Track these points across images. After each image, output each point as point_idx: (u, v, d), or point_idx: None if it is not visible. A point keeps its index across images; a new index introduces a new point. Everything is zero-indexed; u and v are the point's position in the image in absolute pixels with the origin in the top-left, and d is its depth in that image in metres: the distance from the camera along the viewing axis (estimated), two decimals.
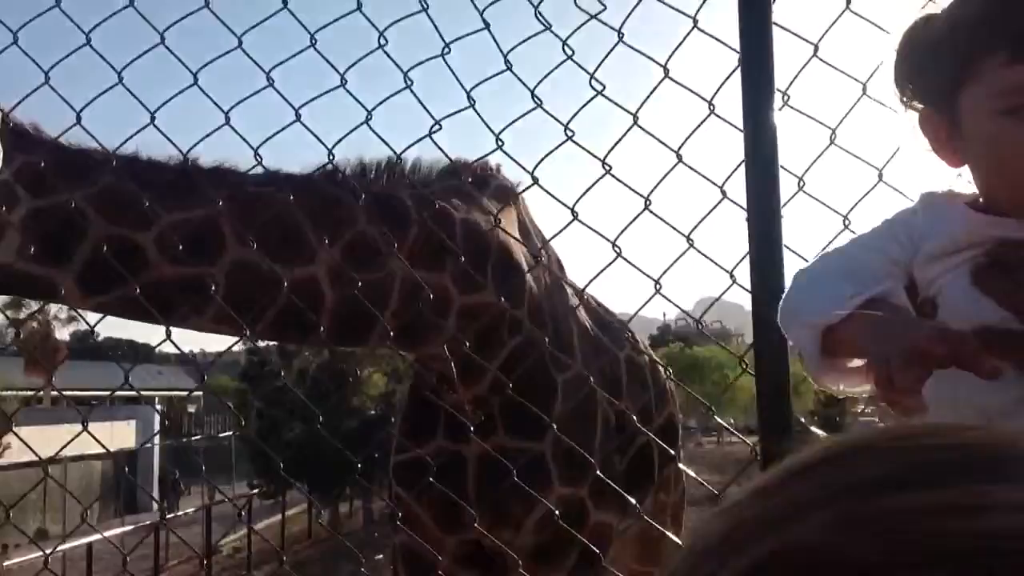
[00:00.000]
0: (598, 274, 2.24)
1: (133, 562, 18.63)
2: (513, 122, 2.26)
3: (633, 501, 2.81)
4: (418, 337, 2.65)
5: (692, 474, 3.53)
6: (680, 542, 3.74)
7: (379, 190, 2.65)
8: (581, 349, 2.96)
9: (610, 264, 2.15)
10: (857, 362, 1.28)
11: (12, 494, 11.43)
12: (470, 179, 2.85)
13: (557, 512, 2.65)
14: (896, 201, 1.88)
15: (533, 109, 2.21)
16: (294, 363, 24.02)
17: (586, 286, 2.40)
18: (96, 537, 15.89)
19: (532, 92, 2.20)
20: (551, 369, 2.80)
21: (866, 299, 1.26)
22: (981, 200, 1.31)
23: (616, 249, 2.14)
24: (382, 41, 2.33)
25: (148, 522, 20.33)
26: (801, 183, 1.95)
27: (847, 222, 1.96)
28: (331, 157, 2.44)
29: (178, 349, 2.47)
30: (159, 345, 2.49)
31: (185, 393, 39.45)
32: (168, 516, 22.58)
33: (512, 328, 2.75)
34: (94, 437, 2.54)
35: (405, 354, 2.88)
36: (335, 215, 2.53)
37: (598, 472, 2.73)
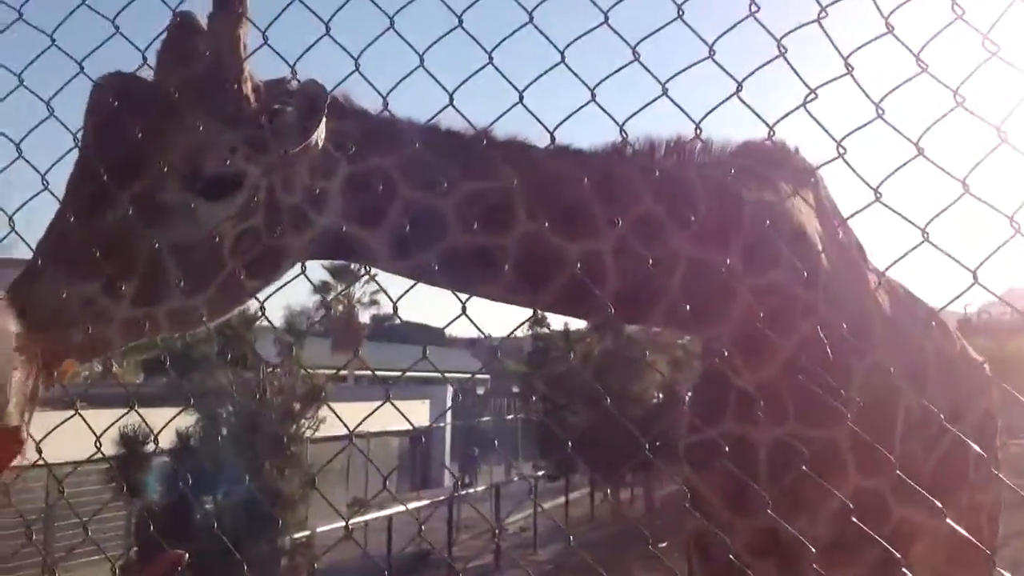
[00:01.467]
0: (903, 256, 2.03)
1: (427, 534, 19.80)
2: (825, 84, 2.07)
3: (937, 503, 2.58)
4: (702, 318, 2.60)
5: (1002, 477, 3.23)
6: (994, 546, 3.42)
7: (667, 168, 2.61)
8: (882, 336, 2.78)
9: (916, 247, 1.95)
10: None
11: (329, 465, 12.43)
12: (765, 159, 2.74)
13: (853, 504, 2.51)
14: None
15: (843, 76, 2.02)
16: (577, 348, 24.52)
17: (887, 268, 2.21)
18: (397, 509, 17.04)
19: (845, 60, 2.01)
20: (847, 355, 2.65)
21: None
22: None
23: (924, 234, 1.94)
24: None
25: (442, 497, 21.49)
26: None
27: None
28: (623, 134, 2.41)
29: (475, 325, 2.55)
30: (452, 321, 2.57)
31: (472, 375, 41.35)
32: (460, 492, 23.77)
33: (804, 312, 2.63)
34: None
35: (690, 335, 2.84)
36: (621, 192, 2.53)
37: (898, 466, 2.56)
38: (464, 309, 2.44)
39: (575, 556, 18.89)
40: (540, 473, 25.87)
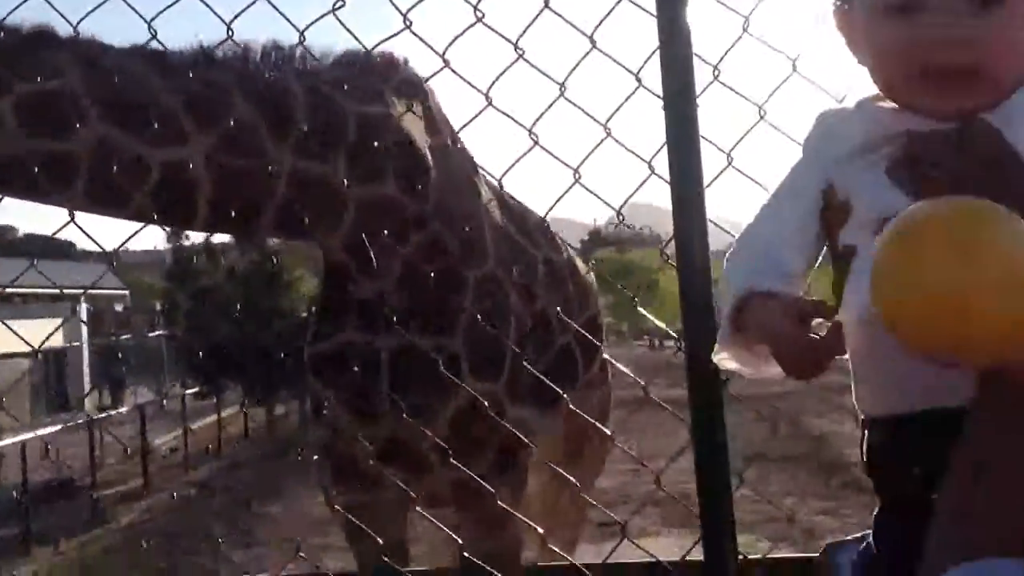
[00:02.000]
0: (516, 162, 2.26)
1: (68, 460, 18.48)
2: (420, 1, 2.20)
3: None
4: (313, 228, 2.60)
5: (624, 370, 3.59)
6: (606, 438, 3.85)
7: (263, 76, 2.54)
8: (494, 247, 2.94)
9: (527, 152, 2.17)
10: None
11: None
12: (371, 71, 2.75)
13: (470, 408, 2.67)
14: (811, 92, 1.95)
15: None
16: (222, 262, 23.67)
17: (501, 177, 2.40)
18: (29, 435, 15.74)
19: None
20: (461, 267, 2.79)
21: (748, 293, 1.33)
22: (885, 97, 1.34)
23: (533, 137, 2.15)
24: None
25: (81, 420, 20.11)
26: (716, 72, 2.03)
27: (763, 113, 2.07)
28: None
29: (85, 234, 2.36)
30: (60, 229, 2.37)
31: (110, 291, 38.67)
32: (102, 416, 22.38)
33: (417, 224, 2.71)
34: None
35: (305, 243, 2.85)
36: (211, 99, 2.42)
37: (511, 370, 2.77)
38: (73, 217, 2.28)
39: (228, 474, 18.61)
40: (189, 392, 25.01)
